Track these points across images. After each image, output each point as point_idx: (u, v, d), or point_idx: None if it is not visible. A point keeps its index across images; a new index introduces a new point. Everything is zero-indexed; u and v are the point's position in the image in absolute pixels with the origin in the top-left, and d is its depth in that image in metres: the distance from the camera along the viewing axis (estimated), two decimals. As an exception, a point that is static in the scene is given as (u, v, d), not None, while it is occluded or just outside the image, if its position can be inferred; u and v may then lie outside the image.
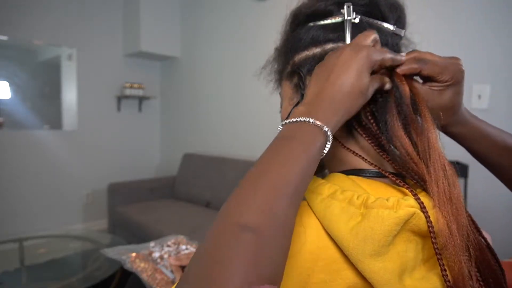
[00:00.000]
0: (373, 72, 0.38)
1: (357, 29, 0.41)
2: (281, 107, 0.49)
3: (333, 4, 0.42)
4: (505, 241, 1.38)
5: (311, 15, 0.43)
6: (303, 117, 0.33)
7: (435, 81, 0.41)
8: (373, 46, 0.38)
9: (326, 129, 0.33)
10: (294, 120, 0.33)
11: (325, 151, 0.33)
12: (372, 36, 0.38)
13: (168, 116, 3.58)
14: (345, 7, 0.40)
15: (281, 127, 0.34)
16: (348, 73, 0.35)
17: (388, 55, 0.38)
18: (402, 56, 0.40)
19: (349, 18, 0.40)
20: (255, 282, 0.24)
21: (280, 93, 0.50)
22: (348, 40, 0.41)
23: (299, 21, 0.45)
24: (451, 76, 0.40)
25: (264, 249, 0.26)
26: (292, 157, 0.30)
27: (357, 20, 0.40)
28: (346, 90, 0.34)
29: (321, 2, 0.43)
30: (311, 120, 0.32)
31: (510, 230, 1.43)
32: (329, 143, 0.33)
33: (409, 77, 0.41)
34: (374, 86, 0.38)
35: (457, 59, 0.42)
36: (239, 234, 0.26)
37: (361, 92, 0.35)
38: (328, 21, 0.42)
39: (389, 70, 0.41)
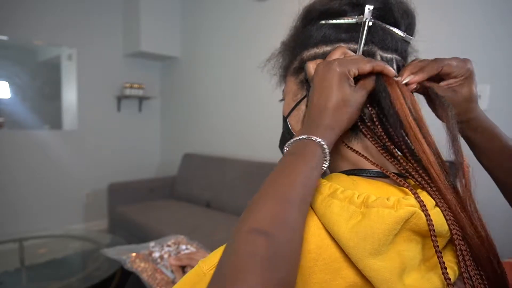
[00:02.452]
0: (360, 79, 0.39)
1: (369, 32, 0.41)
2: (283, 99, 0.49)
3: (347, 5, 0.42)
4: (505, 241, 1.38)
5: (324, 13, 0.43)
6: (301, 135, 0.37)
7: (453, 77, 0.43)
8: (344, 57, 0.39)
9: (323, 143, 0.36)
10: (295, 139, 0.37)
11: (326, 163, 0.36)
12: (339, 51, 0.40)
13: (168, 116, 3.57)
14: (367, 9, 0.40)
15: (287, 147, 0.38)
16: (327, 90, 0.38)
17: (365, 64, 0.38)
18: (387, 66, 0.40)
19: (367, 20, 0.40)
20: (269, 284, 0.26)
21: (283, 90, 0.50)
22: (362, 41, 0.41)
23: (311, 17, 0.45)
24: (465, 69, 0.43)
25: (277, 252, 0.28)
26: (295, 168, 0.34)
27: (370, 23, 0.41)
28: (329, 106, 0.37)
29: (335, 1, 0.43)
30: (307, 137, 0.36)
31: (510, 230, 1.43)
32: (327, 154, 0.36)
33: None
34: (361, 92, 0.39)
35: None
36: (253, 238, 0.28)
37: (344, 102, 0.38)
38: (342, 20, 0.42)
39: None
